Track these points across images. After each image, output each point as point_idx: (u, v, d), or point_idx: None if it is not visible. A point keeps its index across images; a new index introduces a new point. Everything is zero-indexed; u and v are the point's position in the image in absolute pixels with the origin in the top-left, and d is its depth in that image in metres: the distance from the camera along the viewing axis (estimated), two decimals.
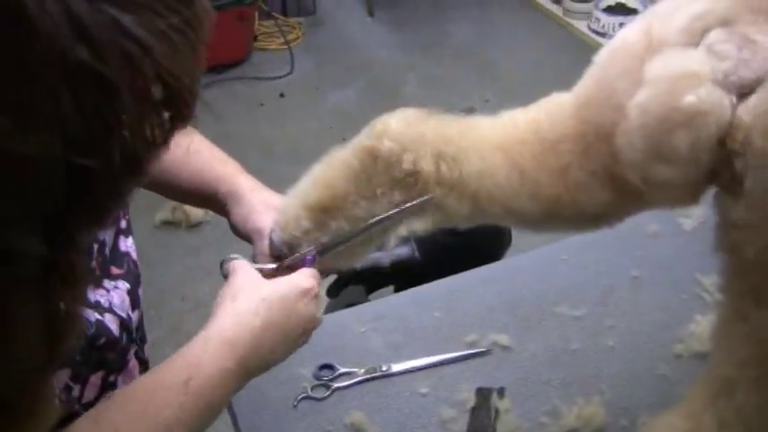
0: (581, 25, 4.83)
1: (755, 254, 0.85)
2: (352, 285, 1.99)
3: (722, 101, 0.82)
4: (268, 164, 3.41)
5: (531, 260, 1.63)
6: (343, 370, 1.38)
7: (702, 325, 1.40)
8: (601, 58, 0.96)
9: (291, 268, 1.08)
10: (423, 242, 1.90)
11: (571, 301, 1.50)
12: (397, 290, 1.91)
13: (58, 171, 0.52)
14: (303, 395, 1.34)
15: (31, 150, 0.49)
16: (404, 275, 1.86)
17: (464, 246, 1.84)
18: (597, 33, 4.64)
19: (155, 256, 3.14)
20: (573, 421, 1.28)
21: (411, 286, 1.60)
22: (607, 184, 0.95)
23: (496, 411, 1.30)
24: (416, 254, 1.92)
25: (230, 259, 1.07)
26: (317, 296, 1.05)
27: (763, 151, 0.79)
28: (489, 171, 1.00)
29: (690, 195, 0.92)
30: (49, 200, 0.53)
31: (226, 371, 0.93)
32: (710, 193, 0.92)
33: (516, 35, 4.80)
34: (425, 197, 1.02)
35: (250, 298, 1.00)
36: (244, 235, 1.21)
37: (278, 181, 1.13)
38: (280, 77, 4.42)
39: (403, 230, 1.08)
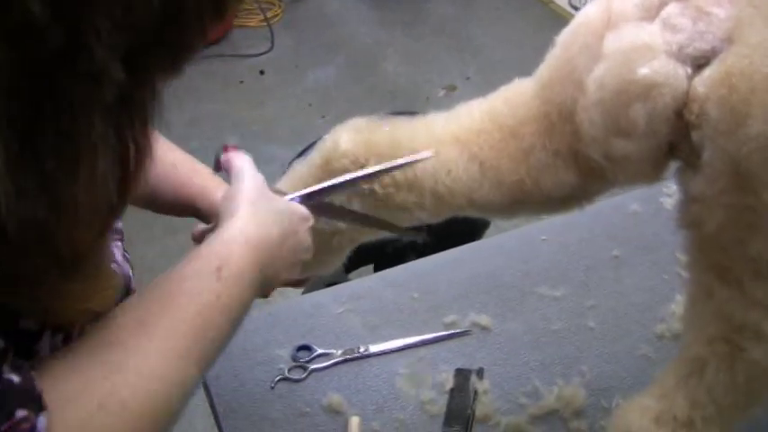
0: (562, 2, 4.80)
1: (716, 227, 0.85)
2: None
3: (677, 72, 0.82)
4: (247, 142, 3.39)
5: (511, 240, 1.61)
6: (320, 351, 1.37)
7: (683, 305, 1.40)
8: (562, 37, 0.96)
9: None
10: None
11: (551, 282, 1.49)
12: (376, 269, 1.89)
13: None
14: (280, 377, 1.33)
15: None
16: (383, 254, 1.84)
17: (443, 225, 1.82)
18: (578, 10, 4.61)
19: (134, 236, 3.11)
20: (553, 402, 1.28)
21: (391, 265, 1.58)
22: (571, 164, 0.96)
23: (475, 392, 1.29)
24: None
25: (230, 148, 1.04)
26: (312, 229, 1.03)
27: (718, 122, 0.79)
28: (445, 166, 1.00)
29: (651, 170, 0.92)
30: (140, 27, 0.54)
31: (251, 271, 0.88)
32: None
33: (497, 12, 4.77)
34: (425, 154, 1.00)
35: (268, 207, 0.96)
36: None
37: (258, 160, 1.10)
38: (259, 55, 4.37)
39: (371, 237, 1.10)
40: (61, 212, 0.60)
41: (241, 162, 1.02)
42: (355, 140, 1.04)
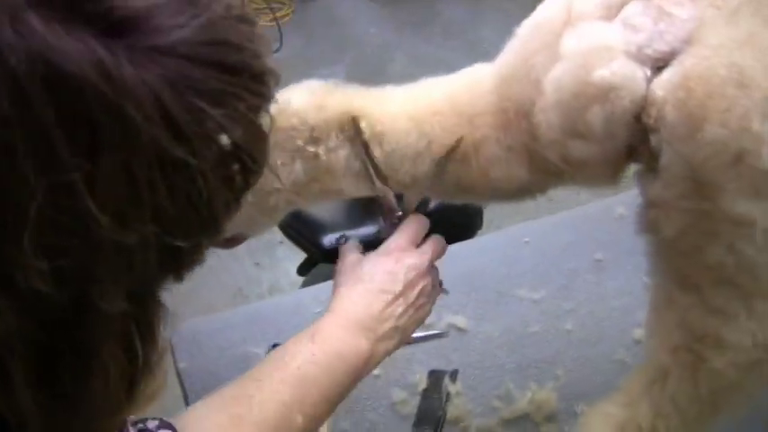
0: None
1: (674, 233, 0.83)
2: (322, 263, 1.98)
3: (636, 74, 0.80)
4: None
5: (494, 242, 1.60)
6: None
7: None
8: (522, 31, 0.94)
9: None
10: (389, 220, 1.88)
11: (532, 284, 1.47)
12: None
13: (152, 252, 0.55)
14: None
15: (129, 240, 0.53)
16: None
17: (434, 225, 1.81)
18: None
19: None
20: (525, 406, 1.27)
21: None
22: (524, 160, 0.94)
23: (448, 394, 1.28)
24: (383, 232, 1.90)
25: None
26: (405, 250, 1.08)
27: (675, 127, 0.78)
28: (394, 138, 0.99)
29: (610, 173, 0.91)
30: (140, 275, 0.57)
31: (341, 327, 1.00)
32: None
33: (506, 13, 4.74)
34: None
35: (365, 281, 1.06)
36: None
37: None
38: None
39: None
40: (76, 418, 0.64)
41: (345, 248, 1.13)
42: (308, 101, 1.03)
